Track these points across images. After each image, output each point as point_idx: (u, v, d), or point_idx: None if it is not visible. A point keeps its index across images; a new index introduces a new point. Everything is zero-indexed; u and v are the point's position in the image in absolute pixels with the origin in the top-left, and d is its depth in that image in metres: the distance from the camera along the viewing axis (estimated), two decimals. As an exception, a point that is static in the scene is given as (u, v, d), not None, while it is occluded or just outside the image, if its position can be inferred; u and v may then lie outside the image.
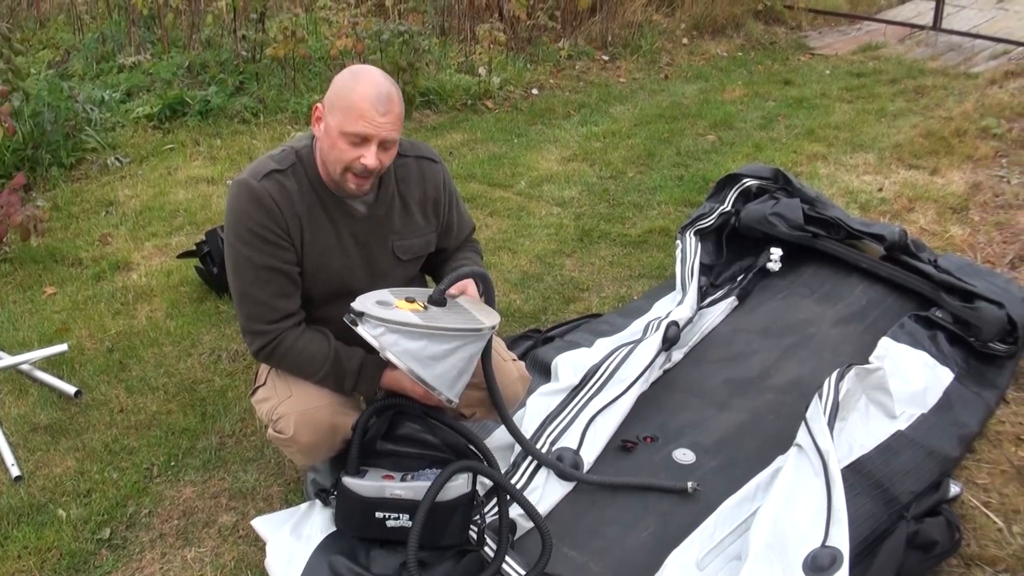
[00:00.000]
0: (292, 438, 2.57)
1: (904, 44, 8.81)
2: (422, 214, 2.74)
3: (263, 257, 2.51)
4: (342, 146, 2.43)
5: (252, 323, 2.58)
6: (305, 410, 2.57)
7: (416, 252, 2.77)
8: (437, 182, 2.76)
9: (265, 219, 2.49)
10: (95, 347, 3.84)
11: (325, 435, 2.60)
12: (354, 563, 2.56)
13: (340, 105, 2.42)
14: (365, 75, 2.44)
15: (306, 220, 2.55)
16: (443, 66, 7.50)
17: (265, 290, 2.54)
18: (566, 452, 3.04)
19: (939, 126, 6.24)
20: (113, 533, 2.88)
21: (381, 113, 2.41)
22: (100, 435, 3.31)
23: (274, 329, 2.57)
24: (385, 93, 2.42)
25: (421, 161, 2.73)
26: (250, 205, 2.49)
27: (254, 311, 2.57)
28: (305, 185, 2.55)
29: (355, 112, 2.39)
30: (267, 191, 2.49)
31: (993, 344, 3.51)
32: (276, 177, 2.52)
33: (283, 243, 2.52)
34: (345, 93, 2.42)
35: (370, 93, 2.40)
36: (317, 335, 2.61)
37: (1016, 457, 3.13)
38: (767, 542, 2.46)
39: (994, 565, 2.69)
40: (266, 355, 2.61)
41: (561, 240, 4.75)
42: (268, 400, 2.66)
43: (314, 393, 2.61)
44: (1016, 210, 4.90)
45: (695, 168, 5.73)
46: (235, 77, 6.97)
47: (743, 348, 3.71)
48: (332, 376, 2.59)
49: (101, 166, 5.74)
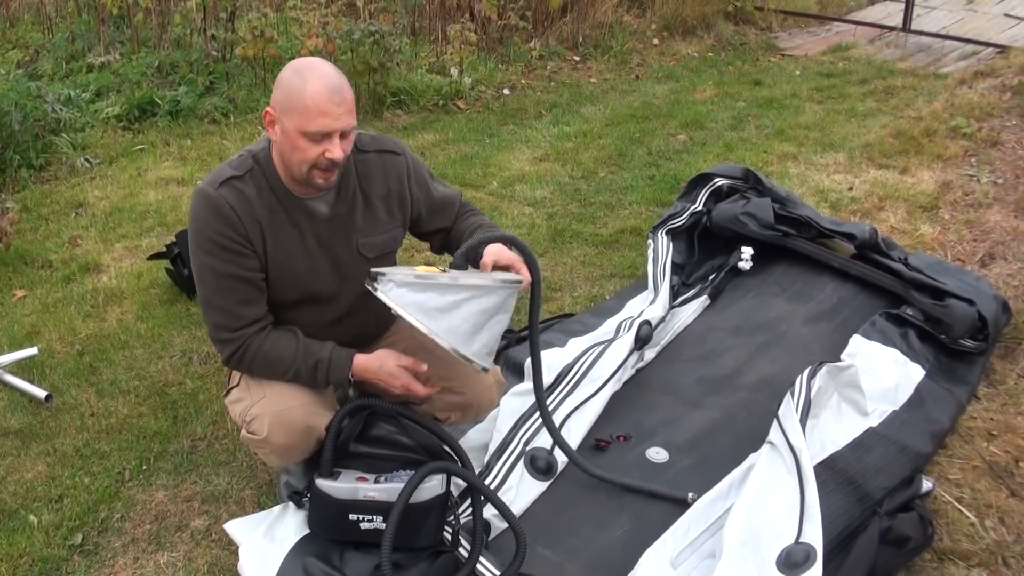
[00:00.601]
0: (266, 439, 2.56)
1: (874, 45, 8.87)
2: (386, 210, 2.72)
3: (225, 265, 2.51)
4: (304, 145, 2.41)
5: (219, 331, 2.58)
6: (279, 411, 2.56)
7: (382, 249, 2.75)
8: (400, 175, 2.73)
9: (224, 227, 2.48)
10: (65, 350, 3.81)
11: (299, 436, 2.59)
12: (328, 565, 2.55)
13: (294, 107, 2.39)
14: (310, 71, 2.41)
15: (267, 225, 2.53)
16: (414, 66, 7.48)
17: (229, 298, 2.54)
18: (540, 452, 3.04)
19: (909, 126, 6.28)
20: (85, 539, 2.86)
21: (337, 105, 2.39)
22: (71, 439, 3.28)
23: (239, 336, 2.56)
24: (336, 84, 2.40)
25: (383, 155, 2.71)
26: (208, 214, 2.48)
27: (219, 319, 2.56)
28: (264, 189, 2.53)
29: (313, 111, 2.37)
30: (224, 199, 2.48)
31: (964, 341, 3.54)
32: (234, 184, 2.50)
33: (244, 251, 2.51)
34: (296, 94, 2.38)
35: (322, 89, 2.38)
36: (284, 333, 2.61)
37: (988, 452, 3.15)
38: (741, 539, 2.47)
39: (967, 559, 2.71)
40: (236, 361, 2.60)
41: (533, 240, 4.75)
42: (242, 401, 2.65)
43: (288, 394, 2.60)
44: (986, 208, 4.94)
45: (666, 168, 5.74)
46: (205, 77, 6.93)
47: (715, 347, 3.73)
48: (304, 369, 2.58)
49: (70, 167, 5.69)
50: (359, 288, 2.71)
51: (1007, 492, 2.98)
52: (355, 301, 2.74)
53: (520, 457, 3.00)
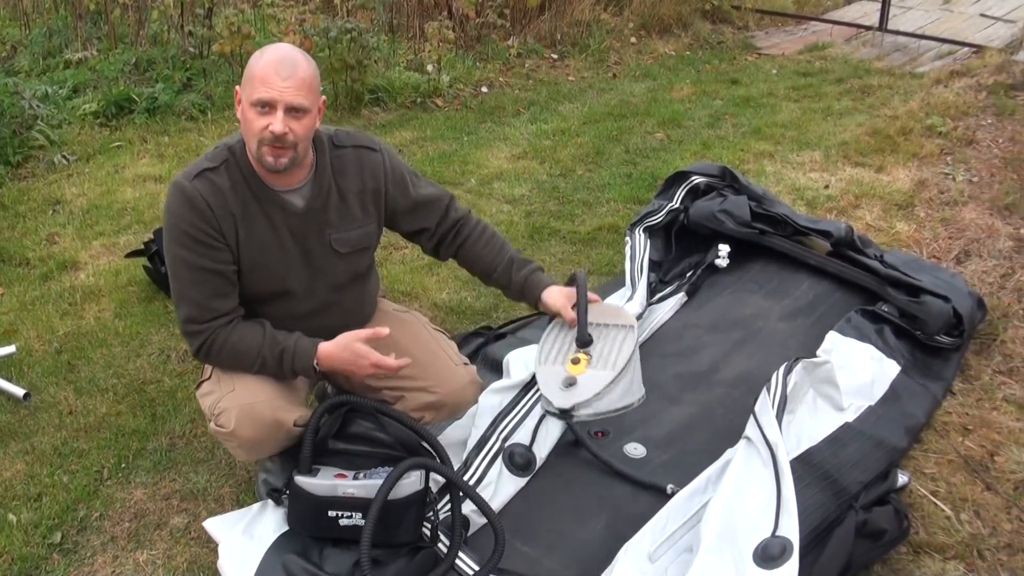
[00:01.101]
0: (232, 432, 2.57)
1: (850, 44, 8.92)
2: (360, 205, 2.72)
3: (197, 258, 2.52)
4: (251, 117, 2.44)
5: (188, 324, 2.60)
6: (247, 404, 2.57)
7: (355, 245, 2.75)
8: (376, 171, 2.74)
9: (197, 220, 2.49)
10: (43, 348, 3.80)
11: (266, 430, 2.59)
12: (307, 562, 2.56)
13: (247, 79, 2.45)
14: (271, 48, 2.48)
15: (240, 217, 2.55)
16: (392, 64, 7.48)
17: (201, 291, 2.55)
18: (518, 448, 3.05)
19: (885, 125, 6.32)
20: (64, 537, 2.86)
21: (283, 77, 2.42)
22: (49, 438, 3.28)
23: (208, 328, 2.58)
24: (288, 58, 2.44)
25: (360, 151, 2.72)
26: (182, 207, 2.50)
27: (191, 312, 2.58)
28: (239, 181, 2.55)
29: (257, 79, 2.42)
30: (198, 191, 2.49)
31: (939, 337, 3.57)
32: (208, 176, 2.52)
33: (217, 244, 2.53)
34: (251, 66, 2.46)
35: (272, 59, 2.43)
36: (252, 325, 2.63)
37: (963, 447, 3.19)
38: (718, 533, 2.48)
39: (943, 552, 2.74)
40: (204, 353, 2.62)
41: (511, 237, 4.76)
42: (211, 394, 2.66)
43: (257, 388, 2.60)
44: (961, 207, 4.98)
45: (644, 166, 5.76)
46: (182, 73, 6.90)
47: (692, 343, 3.75)
48: (270, 358, 2.59)
49: (48, 164, 5.67)
50: (331, 283, 2.73)
51: (982, 486, 3.01)
52: (328, 296, 2.75)
53: (499, 453, 3.01)
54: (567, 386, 2.75)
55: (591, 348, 2.83)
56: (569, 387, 2.75)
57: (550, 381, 2.80)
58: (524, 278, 2.97)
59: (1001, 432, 3.25)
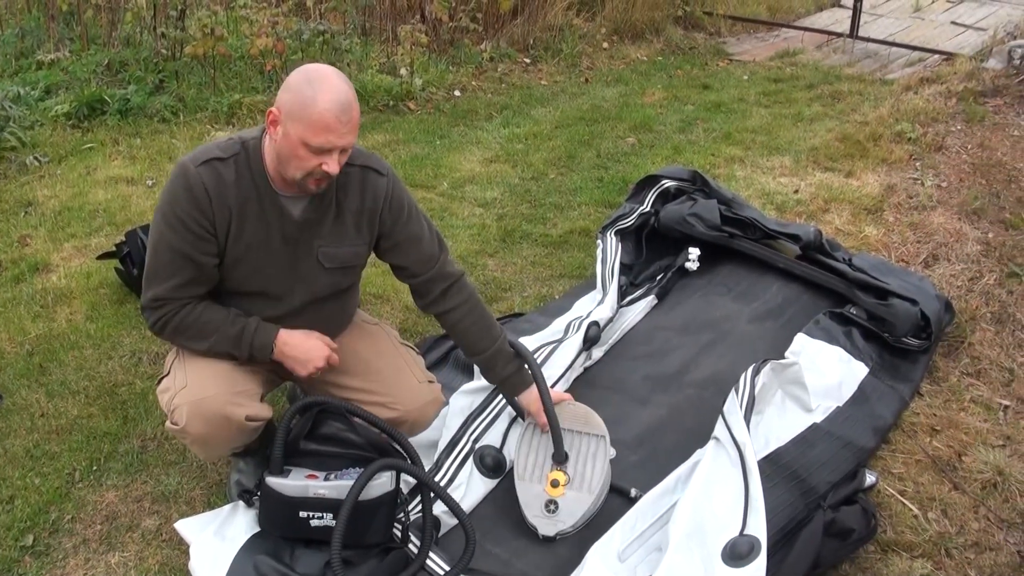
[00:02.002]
0: (184, 429, 2.56)
1: (821, 51, 8.98)
2: (355, 225, 2.70)
3: (181, 243, 2.52)
4: (303, 155, 2.41)
5: (152, 301, 2.59)
6: (196, 400, 2.56)
7: (343, 262, 2.73)
8: (378, 195, 2.70)
9: (192, 208, 2.49)
10: (15, 350, 3.79)
11: (217, 426, 2.58)
12: (279, 563, 2.57)
13: (302, 116, 2.37)
14: (324, 83, 2.39)
15: (237, 212, 2.54)
16: (364, 67, 7.47)
17: (176, 275, 2.55)
18: (488, 450, 3.08)
19: (855, 130, 6.38)
20: (36, 539, 2.85)
21: (344, 123, 2.39)
22: (21, 440, 3.27)
23: (170, 308, 2.58)
24: (347, 102, 2.40)
25: (367, 171, 2.69)
26: (182, 191, 2.49)
27: (158, 291, 2.57)
28: (245, 176, 2.54)
29: (319, 125, 2.37)
30: (201, 179, 2.48)
31: (907, 339, 3.61)
32: (215, 164, 2.51)
33: (206, 235, 2.52)
34: (307, 104, 2.37)
35: (333, 105, 2.37)
36: (214, 305, 2.64)
37: (931, 447, 3.23)
38: (687, 532, 2.51)
39: (910, 551, 2.79)
40: (161, 326, 2.61)
41: (483, 240, 4.78)
42: (168, 391, 2.65)
43: (207, 383, 2.59)
44: (930, 211, 5.04)
45: (615, 170, 5.79)
46: (155, 75, 6.87)
47: (662, 345, 3.78)
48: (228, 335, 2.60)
49: (20, 165, 5.63)
50: (311, 294, 2.72)
51: (950, 485, 3.06)
52: (304, 306, 2.74)
53: (469, 455, 3.04)
54: (549, 511, 2.84)
55: (566, 465, 2.92)
56: (551, 512, 2.84)
57: (532, 503, 2.87)
58: (507, 376, 2.98)
59: (968, 433, 3.30)
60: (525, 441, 3.00)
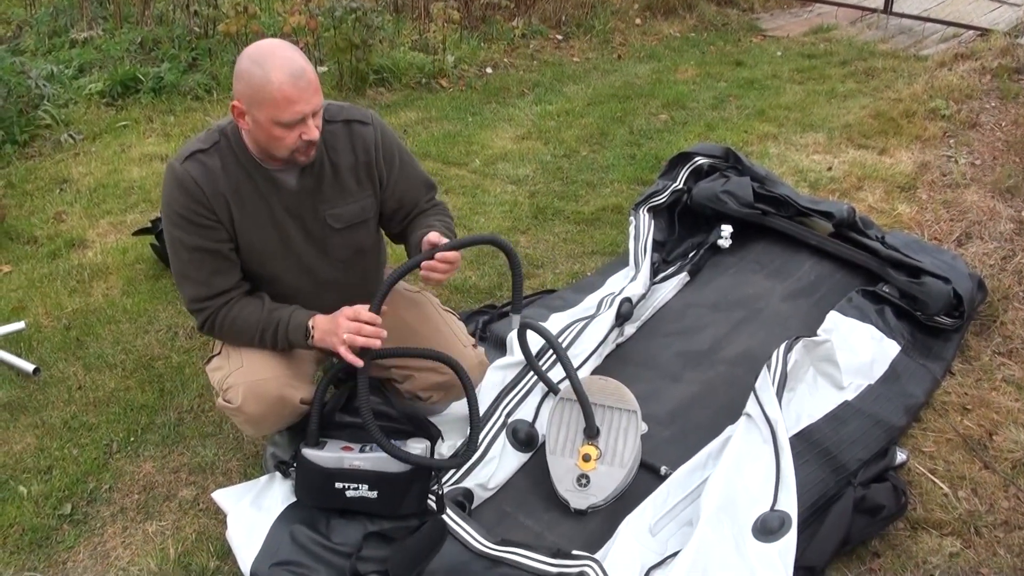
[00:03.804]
0: (239, 408, 2.60)
1: (855, 26, 8.91)
2: (355, 179, 2.72)
3: (193, 239, 2.55)
4: (280, 134, 2.42)
5: (192, 303, 2.64)
6: (253, 381, 2.60)
7: (351, 219, 2.75)
8: (368, 144, 2.71)
9: (189, 202, 2.52)
10: (52, 325, 3.84)
11: (272, 407, 2.63)
12: (314, 532, 2.60)
13: (262, 99, 2.37)
14: (269, 58, 2.37)
15: (233, 197, 2.56)
16: (397, 44, 7.48)
17: (201, 270, 2.59)
18: (521, 424, 3.09)
19: (888, 107, 6.33)
20: (74, 508, 2.90)
21: (304, 89, 2.38)
22: (59, 412, 3.32)
23: (212, 305, 2.62)
24: (298, 68, 2.38)
25: (351, 124, 2.70)
26: (174, 189, 2.52)
27: (193, 291, 2.62)
28: (231, 162, 2.55)
29: (282, 102, 2.36)
30: (188, 173, 2.51)
31: (939, 318, 3.59)
32: (199, 157, 2.53)
33: (211, 223, 2.55)
34: (261, 86, 2.36)
35: (286, 77, 2.35)
36: (252, 300, 2.65)
37: (961, 426, 3.22)
38: (718, 506, 2.52)
39: (940, 529, 2.78)
40: (208, 329, 2.66)
41: (516, 218, 4.79)
42: (220, 369, 2.69)
43: (264, 365, 2.64)
44: (963, 189, 5.00)
45: (647, 147, 5.78)
46: (188, 53, 6.92)
47: (694, 322, 3.78)
48: (268, 330, 2.61)
49: (55, 143, 5.69)
50: (332, 258, 2.74)
51: (980, 464, 3.05)
52: (329, 273, 2.77)
53: (502, 428, 3.06)
54: (581, 485, 2.85)
55: (598, 439, 2.93)
56: (583, 486, 2.85)
57: (564, 478, 2.88)
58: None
59: (1000, 412, 3.28)
60: (557, 416, 3.01)
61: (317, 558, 2.54)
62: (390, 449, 2.58)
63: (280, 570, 2.50)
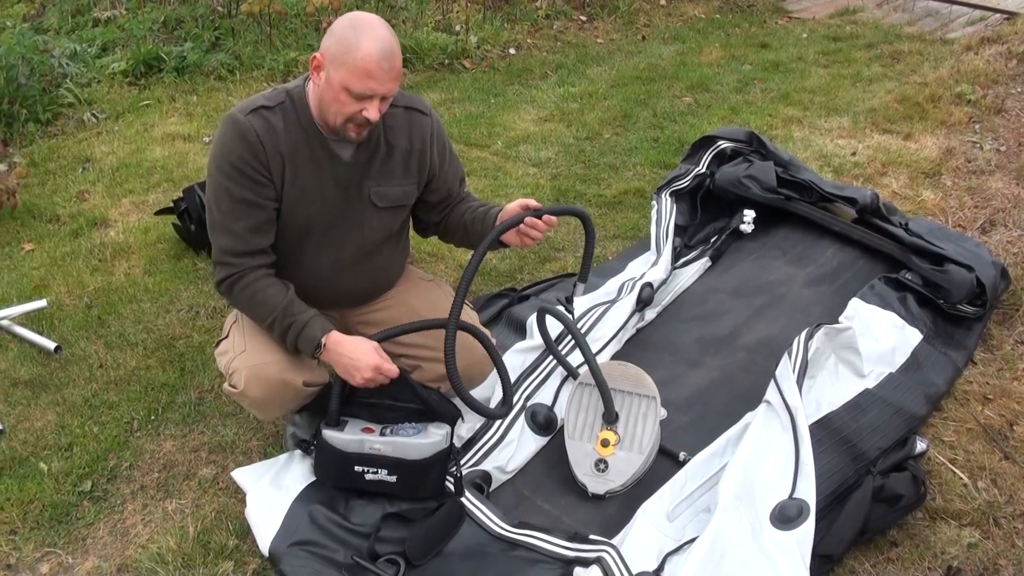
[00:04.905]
0: (243, 392, 2.63)
1: (881, 9, 8.84)
2: (404, 164, 2.75)
3: (241, 191, 2.55)
4: (345, 100, 2.45)
5: (223, 255, 2.62)
6: (256, 364, 2.63)
7: (393, 201, 2.78)
8: (424, 134, 2.76)
9: (247, 154, 2.52)
10: (74, 303, 3.86)
11: (275, 390, 2.64)
12: (333, 512, 2.62)
13: (344, 61, 2.41)
14: (367, 30, 2.42)
15: (288, 158, 2.58)
16: (420, 24, 7.47)
17: (240, 222, 2.58)
18: (540, 408, 3.09)
19: (914, 91, 6.27)
20: (95, 485, 2.92)
21: (386, 70, 2.43)
22: (80, 390, 3.34)
23: (241, 263, 2.62)
24: (389, 49, 2.43)
25: (411, 112, 2.74)
26: (234, 139, 2.53)
27: (227, 243, 2.61)
28: (293, 124, 2.57)
29: (361, 71, 2.40)
30: (252, 126, 2.52)
31: (962, 306, 3.57)
32: (263, 113, 2.55)
33: (262, 179, 2.56)
34: (349, 49, 2.40)
35: (375, 52, 2.40)
36: (279, 284, 2.65)
37: (982, 416, 3.20)
38: (736, 493, 2.52)
39: (959, 519, 2.77)
40: (227, 286, 2.65)
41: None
42: (226, 354, 2.72)
43: (266, 348, 2.66)
44: (988, 176, 4.96)
45: (671, 130, 5.76)
46: (211, 33, 6.92)
47: (715, 308, 3.76)
48: (279, 324, 2.61)
49: (77, 122, 5.72)
50: (365, 236, 2.76)
51: (1000, 455, 3.03)
52: (359, 250, 2.79)
53: (521, 412, 3.06)
54: (599, 470, 2.85)
55: (616, 424, 2.93)
56: (601, 471, 2.84)
57: (582, 462, 2.88)
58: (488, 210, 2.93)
59: (1021, 402, 3.26)
60: (576, 400, 3.01)
61: (335, 538, 2.55)
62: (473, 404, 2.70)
63: (298, 549, 2.51)
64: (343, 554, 2.52)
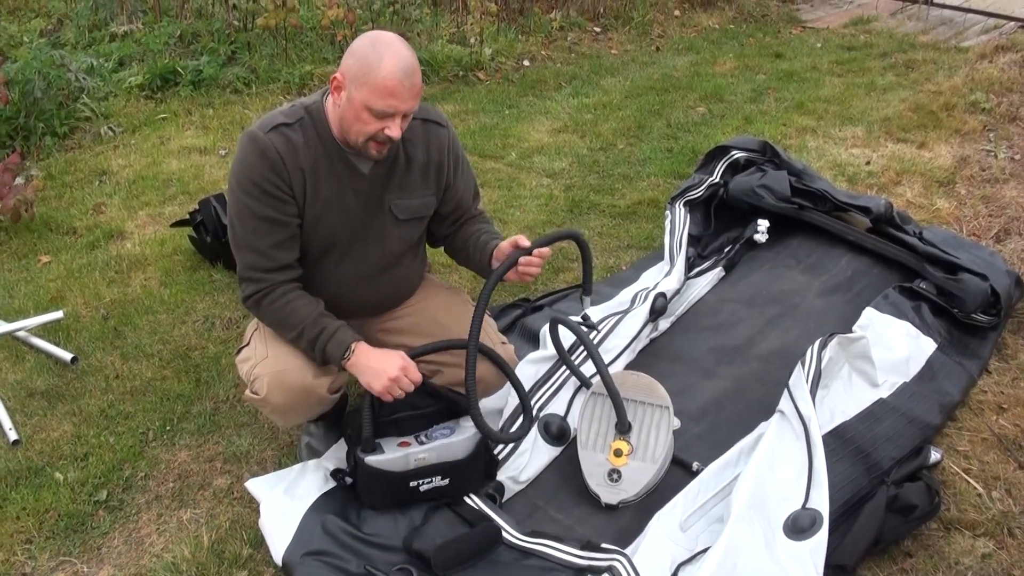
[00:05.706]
0: (265, 399, 2.63)
1: (895, 18, 8.83)
2: (423, 176, 2.76)
3: (264, 208, 2.56)
4: (366, 119, 2.46)
5: (249, 271, 2.62)
6: (278, 371, 2.62)
7: (414, 213, 2.79)
8: (442, 146, 2.77)
9: (268, 172, 2.53)
10: (90, 314, 3.88)
11: (297, 397, 2.64)
12: (346, 522, 2.63)
13: (365, 81, 2.42)
14: (388, 48, 2.43)
15: (309, 174, 2.58)
16: (434, 36, 7.49)
17: (265, 240, 2.59)
18: (553, 418, 3.10)
19: (928, 100, 6.27)
20: (110, 495, 2.94)
21: (407, 88, 2.44)
22: (96, 400, 3.36)
23: (269, 278, 2.62)
24: (410, 68, 2.44)
25: (428, 124, 2.75)
26: (255, 157, 2.53)
27: (252, 260, 2.61)
28: (312, 139, 2.58)
29: (382, 90, 2.41)
30: (272, 144, 2.53)
31: (976, 315, 3.56)
32: (283, 130, 2.56)
33: (284, 196, 2.56)
34: (370, 69, 2.41)
35: (396, 70, 2.41)
36: (308, 298, 2.66)
37: (997, 425, 3.19)
38: (749, 503, 2.52)
39: (973, 529, 2.75)
40: (255, 302, 2.65)
41: (551, 211, 4.79)
42: (248, 361, 2.72)
43: (289, 355, 2.65)
44: (1002, 184, 4.95)
45: (685, 140, 5.76)
46: (227, 47, 6.96)
47: (729, 317, 3.77)
48: (308, 334, 2.61)
49: (94, 135, 5.75)
50: (386, 249, 2.77)
51: (1015, 465, 3.02)
52: (380, 262, 2.79)
53: (534, 422, 3.06)
54: (612, 480, 2.85)
55: (630, 435, 2.93)
56: (614, 482, 2.85)
57: (595, 472, 2.89)
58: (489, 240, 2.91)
59: (1036, 411, 3.25)
60: (589, 410, 3.01)
61: (348, 548, 2.57)
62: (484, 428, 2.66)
63: (311, 559, 2.52)
64: (356, 564, 2.52)
